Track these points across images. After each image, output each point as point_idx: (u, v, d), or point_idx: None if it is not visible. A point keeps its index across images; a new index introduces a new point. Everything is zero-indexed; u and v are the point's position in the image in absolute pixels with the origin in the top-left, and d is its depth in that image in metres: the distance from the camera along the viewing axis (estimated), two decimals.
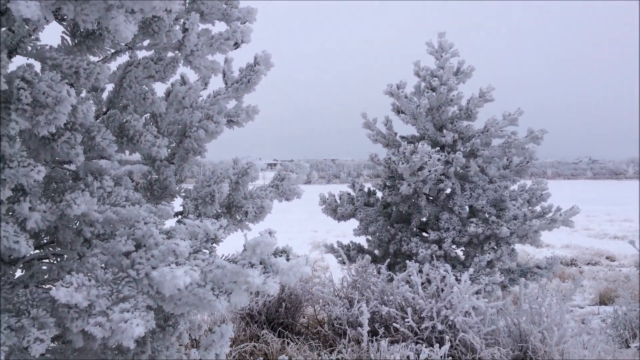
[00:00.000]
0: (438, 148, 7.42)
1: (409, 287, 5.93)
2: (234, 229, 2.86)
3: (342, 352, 5.16)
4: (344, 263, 7.38)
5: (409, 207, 7.51)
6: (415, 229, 7.64)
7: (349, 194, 8.22)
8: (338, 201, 8.13)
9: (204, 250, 2.18)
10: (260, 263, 1.95)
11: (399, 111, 7.82)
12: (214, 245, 2.23)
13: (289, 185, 2.98)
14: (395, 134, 7.97)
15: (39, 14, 1.56)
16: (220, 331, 2.48)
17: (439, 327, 5.40)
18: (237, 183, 2.88)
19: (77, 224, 2.40)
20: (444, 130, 7.54)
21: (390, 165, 7.45)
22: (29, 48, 2.07)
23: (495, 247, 6.98)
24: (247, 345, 5.49)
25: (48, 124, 1.86)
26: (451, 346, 5.30)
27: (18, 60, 2.10)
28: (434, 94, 7.29)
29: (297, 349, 5.46)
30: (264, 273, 1.92)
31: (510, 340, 5.46)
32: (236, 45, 2.52)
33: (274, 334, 5.95)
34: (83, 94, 2.69)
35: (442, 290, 5.76)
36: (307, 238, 17.49)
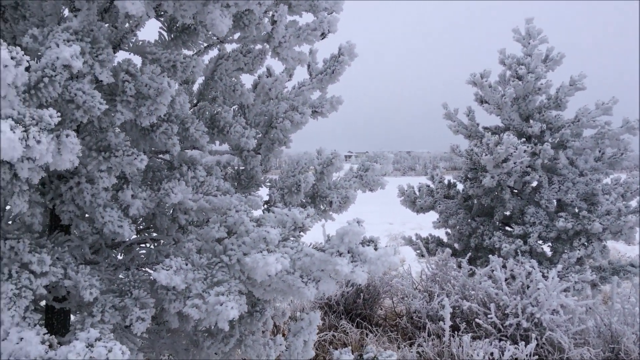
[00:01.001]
0: (524, 139, 7.12)
1: (492, 282, 5.75)
2: (317, 219, 2.90)
3: (422, 346, 5.09)
4: (422, 256, 7.28)
5: (492, 200, 7.27)
6: (498, 222, 7.39)
7: (428, 186, 8.08)
8: (417, 193, 8.02)
9: (292, 239, 2.22)
10: (348, 252, 1.96)
11: (482, 101, 7.57)
12: (301, 233, 2.27)
13: (373, 175, 2.97)
14: (478, 124, 7.73)
15: (143, 10, 1.64)
16: (309, 318, 2.52)
17: (524, 324, 5.20)
18: (322, 173, 2.90)
19: (173, 211, 2.52)
20: (531, 121, 7.22)
21: (472, 157, 7.24)
22: (131, 44, 2.19)
23: (586, 243, 6.61)
24: (327, 334, 5.56)
25: (150, 115, 1.96)
26: (537, 345, 5.10)
27: (118, 56, 2.23)
28: (520, 82, 6.99)
29: (376, 340, 5.45)
30: (352, 262, 1.93)
31: (601, 341, 5.17)
32: (323, 35, 2.53)
33: (352, 325, 5.98)
34: (176, 87, 2.81)
35: (528, 286, 5.53)
36: (382, 230, 17.38)
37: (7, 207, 2.37)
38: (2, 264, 1.94)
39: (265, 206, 2.87)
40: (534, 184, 7.29)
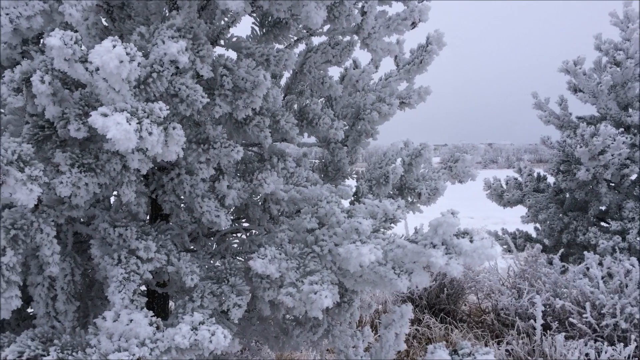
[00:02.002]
0: (622, 129, 6.66)
1: (587, 280, 5.44)
2: (406, 211, 2.87)
3: (511, 344, 4.92)
4: (510, 251, 7.01)
5: (586, 194, 6.86)
6: (592, 218, 6.98)
7: (516, 179, 7.76)
8: (504, 186, 7.73)
9: (383, 230, 2.21)
10: (442, 244, 1.92)
11: (575, 89, 7.15)
12: (392, 225, 2.25)
13: (463, 167, 2.90)
14: (570, 114, 7.31)
15: (242, 6, 1.69)
16: (400, 311, 2.51)
17: (623, 325, 4.88)
18: (410, 164, 2.87)
19: (264, 202, 2.59)
20: (630, 110, 6.73)
21: (565, 148, 6.87)
22: (226, 40, 2.26)
23: None
24: (410, 328, 5.50)
25: (245, 108, 2.02)
26: (637, 346, 4.77)
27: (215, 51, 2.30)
28: (618, 69, 6.54)
29: (462, 337, 5.33)
30: (446, 254, 1.89)
31: None
32: (414, 25, 2.49)
33: (435, 319, 5.88)
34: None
35: (626, 285, 5.19)
36: (463, 225, 16.88)
37: (112, 198, 2.53)
38: (112, 249, 2.08)
39: (353, 198, 2.88)
40: (634, 177, 6.80)
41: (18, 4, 1.45)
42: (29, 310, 2.54)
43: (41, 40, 2.13)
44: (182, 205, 2.38)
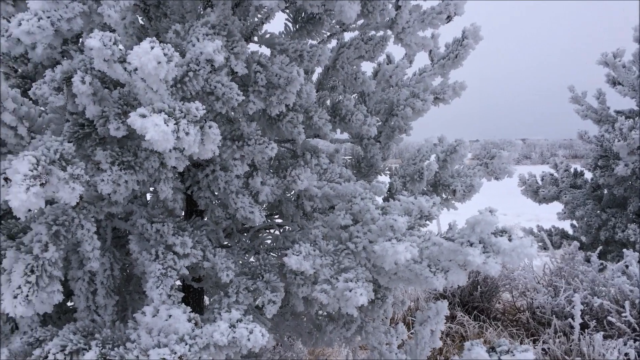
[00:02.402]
0: None
1: (626, 278, 5.29)
2: (440, 208, 2.83)
3: (547, 343, 4.82)
4: (545, 249, 6.87)
5: (625, 190, 6.67)
6: (632, 214, 6.77)
7: (552, 174, 7.59)
8: (539, 182, 7.57)
9: (418, 227, 2.18)
10: (480, 242, 1.89)
11: (614, 82, 6.94)
12: (427, 222, 2.22)
13: (500, 163, 2.84)
14: (609, 108, 7.10)
15: (276, 2, 1.69)
16: (436, 308, 2.48)
17: None
18: (445, 161, 2.83)
19: (298, 198, 2.59)
20: None
21: (603, 143, 6.68)
22: (260, 36, 2.26)
23: None
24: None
25: (279, 104, 2.02)
26: None
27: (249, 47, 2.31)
28: None
29: (497, 335, 5.25)
30: (484, 253, 1.85)
31: None
32: (449, 19, 2.45)
33: (469, 317, 5.81)
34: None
35: None
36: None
37: (149, 195, 2.57)
38: (149, 245, 2.11)
39: (387, 194, 2.85)
40: None
41: (59, 7, 1.48)
42: (69, 304, 2.60)
43: (80, 40, 2.17)
44: (216, 201, 2.40)
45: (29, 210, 1.54)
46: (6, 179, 1.42)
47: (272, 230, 2.95)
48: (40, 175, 1.38)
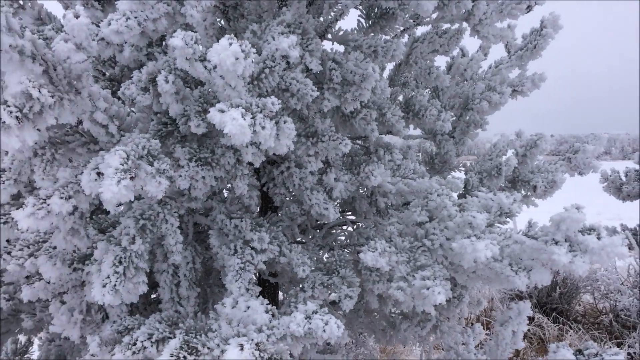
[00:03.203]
0: None
1: None
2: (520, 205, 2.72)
3: (632, 347, 4.53)
4: (630, 249, 6.45)
5: None
6: None
7: (637, 170, 7.12)
8: (623, 178, 7.12)
9: (497, 225, 2.11)
10: (566, 240, 1.80)
11: None
12: (507, 219, 2.15)
13: (584, 158, 2.70)
14: None
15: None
16: (518, 308, 2.39)
17: None
18: (525, 156, 2.72)
19: (371, 195, 2.58)
20: None
21: None
22: (333, 33, 2.27)
23: None
24: None
25: (354, 101, 2.02)
26: None
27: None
28: None
29: (578, 338, 4.99)
30: (570, 251, 1.76)
31: None
32: (529, 8, 2.35)
33: (547, 319, 5.57)
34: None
35: None
36: None
37: (225, 191, 2.65)
38: (228, 240, 2.18)
39: (462, 191, 2.79)
40: None
41: (145, 7, 1.56)
42: (153, 296, 2.73)
43: (164, 43, 2.27)
44: (291, 197, 2.44)
45: (119, 204, 1.63)
46: (99, 174, 1.51)
47: (344, 228, 2.95)
48: (130, 169, 1.46)
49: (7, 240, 2.47)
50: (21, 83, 1.39)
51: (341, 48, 2.26)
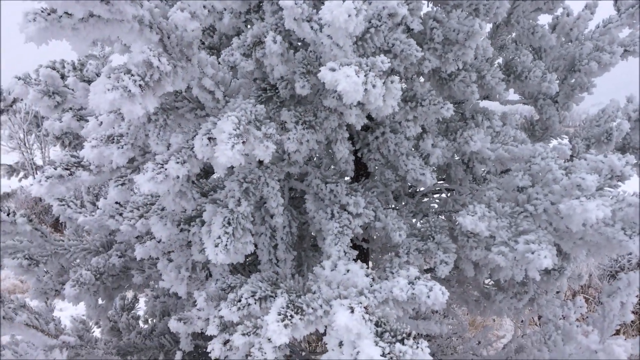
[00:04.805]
0: None
1: None
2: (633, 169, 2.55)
3: None
4: None
5: None
6: None
7: None
8: None
9: (608, 189, 1.99)
10: None
11: None
12: (619, 183, 2.02)
13: None
14: None
15: None
16: (627, 279, 2.26)
17: None
18: (637, 121, 2.53)
19: (468, 161, 2.51)
20: None
21: None
22: None
23: None
24: None
25: (455, 61, 1.96)
26: None
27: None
28: None
29: None
30: None
31: None
32: None
33: None
34: None
35: None
36: None
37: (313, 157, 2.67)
38: (324, 204, 2.21)
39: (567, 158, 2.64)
40: None
41: None
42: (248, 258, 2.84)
43: (260, 10, 2.30)
44: (386, 163, 2.42)
45: (231, 167, 1.69)
46: (210, 139, 1.57)
47: (437, 196, 2.91)
48: (242, 134, 1.50)
49: (118, 203, 2.66)
50: (143, 52, 1.46)
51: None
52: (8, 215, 2.31)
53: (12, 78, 2.46)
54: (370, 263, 3.10)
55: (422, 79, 2.14)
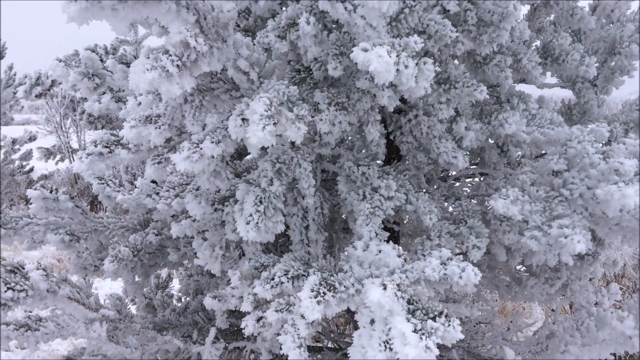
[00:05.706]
0: None
1: None
2: None
3: None
4: None
5: None
6: None
7: None
8: None
9: None
10: None
11: None
12: None
13: None
14: None
15: None
16: None
17: None
18: None
19: (503, 145, 2.48)
20: None
21: None
22: None
23: None
24: None
25: (490, 43, 1.94)
26: None
27: None
28: None
29: None
30: None
31: None
32: None
33: None
34: None
35: None
36: None
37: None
38: (356, 186, 2.22)
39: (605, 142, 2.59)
40: None
41: None
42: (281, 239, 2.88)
43: None
44: (419, 146, 2.42)
45: (263, 148, 1.72)
46: (244, 120, 1.60)
47: (473, 179, 2.89)
48: (273, 116, 1.53)
49: (155, 182, 2.73)
50: (180, 33, 1.49)
51: None
52: (51, 192, 2.40)
53: (53, 60, 2.54)
54: (400, 247, 3.11)
55: (456, 62, 2.11)
